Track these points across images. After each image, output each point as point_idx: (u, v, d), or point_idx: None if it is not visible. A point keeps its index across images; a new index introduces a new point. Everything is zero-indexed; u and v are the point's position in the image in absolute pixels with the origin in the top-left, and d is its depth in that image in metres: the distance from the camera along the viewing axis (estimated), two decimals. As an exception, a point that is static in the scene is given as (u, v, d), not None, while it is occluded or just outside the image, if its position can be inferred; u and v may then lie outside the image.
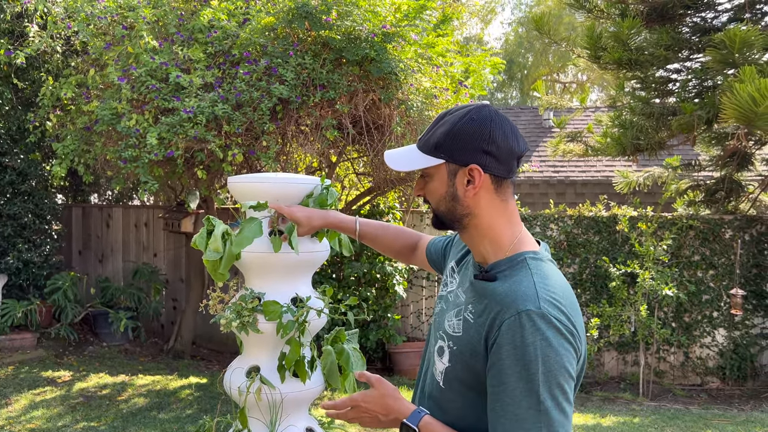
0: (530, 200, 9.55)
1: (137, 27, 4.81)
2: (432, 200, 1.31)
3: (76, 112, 5.44)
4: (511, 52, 20.83)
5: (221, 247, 1.86)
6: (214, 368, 6.48)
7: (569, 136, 7.13)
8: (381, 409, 1.27)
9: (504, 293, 1.19)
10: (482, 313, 1.21)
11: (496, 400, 1.14)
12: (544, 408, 1.10)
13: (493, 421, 1.15)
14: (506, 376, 1.13)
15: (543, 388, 1.11)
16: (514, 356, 1.12)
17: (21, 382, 5.41)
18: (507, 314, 1.15)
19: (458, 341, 1.25)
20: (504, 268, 1.24)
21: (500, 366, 1.14)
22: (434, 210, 1.32)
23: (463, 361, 1.22)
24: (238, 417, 1.96)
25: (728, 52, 4.87)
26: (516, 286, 1.19)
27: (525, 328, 1.12)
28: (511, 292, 1.18)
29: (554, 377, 1.11)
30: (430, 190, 1.30)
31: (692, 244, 6.41)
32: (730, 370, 6.31)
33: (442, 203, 1.29)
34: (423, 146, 1.29)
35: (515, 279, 1.21)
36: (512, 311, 1.15)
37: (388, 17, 4.79)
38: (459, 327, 1.26)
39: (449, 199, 1.27)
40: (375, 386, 1.28)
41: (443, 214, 1.30)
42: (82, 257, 7.95)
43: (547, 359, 1.11)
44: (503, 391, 1.13)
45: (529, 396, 1.11)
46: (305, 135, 5.11)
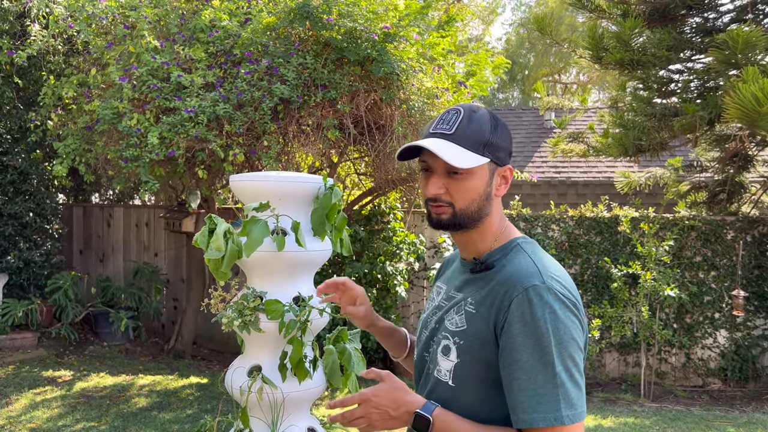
0: (531, 201, 9.54)
1: (139, 26, 4.80)
2: (462, 199, 1.25)
3: (77, 111, 5.44)
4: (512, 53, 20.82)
5: (223, 245, 1.85)
6: (215, 368, 6.47)
7: (570, 136, 7.12)
8: (391, 403, 1.21)
9: (507, 275, 1.21)
10: (485, 300, 1.23)
11: (512, 378, 1.15)
12: (560, 380, 1.12)
13: (510, 400, 1.16)
14: (519, 353, 1.14)
15: (557, 361, 1.12)
16: (525, 332, 1.14)
17: (21, 382, 5.40)
18: (514, 292, 1.17)
19: (464, 335, 1.24)
20: (499, 256, 1.27)
21: (513, 344, 1.15)
22: (458, 210, 1.25)
23: (473, 353, 1.22)
24: (240, 416, 1.95)
25: (731, 53, 4.86)
26: (517, 266, 1.22)
27: (533, 303, 1.14)
28: (515, 272, 1.21)
29: (566, 349, 1.13)
30: (465, 188, 1.25)
31: (694, 245, 6.40)
32: (731, 371, 6.30)
33: (475, 202, 1.26)
34: (468, 143, 1.23)
35: (515, 261, 1.24)
36: (519, 289, 1.17)
37: (389, 16, 4.78)
38: (462, 321, 1.26)
39: (484, 198, 1.26)
40: (385, 380, 1.23)
41: (471, 213, 1.26)
42: (83, 257, 7.94)
43: (558, 331, 1.13)
44: (518, 368, 1.14)
45: (544, 370, 1.12)
46: (306, 135, 5.11)
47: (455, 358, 1.24)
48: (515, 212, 6.72)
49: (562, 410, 1.11)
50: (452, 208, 1.25)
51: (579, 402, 1.14)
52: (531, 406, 1.12)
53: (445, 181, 1.25)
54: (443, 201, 1.25)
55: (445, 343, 1.27)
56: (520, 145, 11.22)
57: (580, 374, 1.16)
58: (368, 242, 6.39)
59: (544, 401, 1.12)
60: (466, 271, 1.34)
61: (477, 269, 1.28)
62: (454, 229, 1.29)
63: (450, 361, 1.25)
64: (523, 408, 1.13)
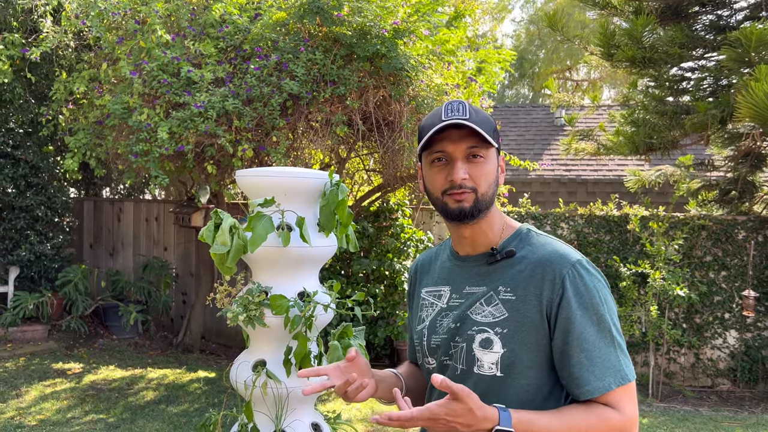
0: (541, 199, 9.50)
1: (149, 21, 4.82)
2: (483, 183, 1.26)
3: (88, 106, 5.47)
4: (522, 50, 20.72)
5: (229, 240, 1.86)
6: (223, 362, 6.50)
7: (581, 134, 7.08)
8: (465, 423, 1.11)
9: (546, 256, 1.26)
10: (526, 284, 1.25)
11: (579, 351, 1.21)
12: (617, 343, 1.22)
13: (578, 372, 1.21)
14: (583, 326, 1.21)
15: (612, 327, 1.22)
16: (583, 305, 1.21)
17: (32, 374, 5.46)
18: (564, 269, 1.23)
19: (507, 323, 1.25)
20: (515, 243, 1.31)
21: (574, 318, 1.21)
22: (480, 195, 1.26)
23: (521, 340, 1.23)
24: (244, 411, 1.96)
25: (744, 51, 4.81)
26: (550, 248, 1.28)
27: (584, 277, 1.23)
28: (553, 252, 1.26)
29: (614, 314, 1.25)
30: (485, 171, 1.27)
31: (704, 244, 6.35)
32: (741, 372, 6.25)
33: (491, 188, 1.28)
34: (484, 127, 1.25)
35: (540, 244, 1.29)
36: (567, 266, 1.23)
37: (399, 13, 4.77)
38: (500, 310, 1.26)
39: (495, 184, 1.30)
40: (463, 400, 1.09)
41: (488, 199, 1.28)
42: (93, 250, 8.00)
43: (607, 299, 1.24)
44: (585, 339, 1.21)
45: (605, 337, 1.21)
46: (315, 131, 5.11)
47: (500, 348, 1.24)
48: (524, 210, 6.69)
49: (625, 369, 1.21)
50: (475, 194, 1.26)
51: (629, 359, 1.25)
52: (602, 372, 1.20)
53: (467, 167, 1.26)
54: (467, 187, 1.25)
55: (483, 337, 1.26)
56: (530, 142, 11.17)
57: (622, 334, 1.27)
58: (376, 239, 6.39)
59: (611, 365, 1.20)
60: (477, 264, 1.33)
61: (497, 259, 1.30)
62: (475, 217, 1.28)
63: (494, 353, 1.25)
64: (596, 376, 1.20)
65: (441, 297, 1.38)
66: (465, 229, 1.32)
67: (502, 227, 1.34)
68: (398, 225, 6.41)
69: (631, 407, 1.21)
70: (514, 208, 6.78)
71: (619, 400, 1.20)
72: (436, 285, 1.41)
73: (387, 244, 6.31)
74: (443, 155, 1.27)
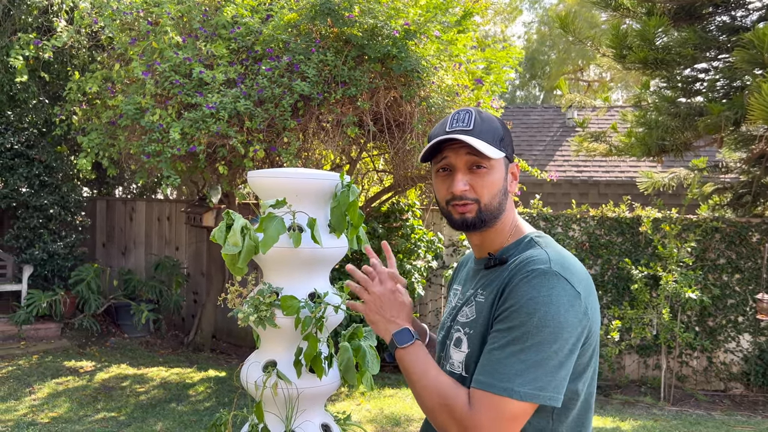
0: (552, 200, 9.46)
1: (162, 22, 4.85)
2: (487, 194, 1.26)
3: (101, 106, 5.52)
4: (533, 51, 20.65)
5: (240, 241, 1.86)
6: (233, 362, 6.53)
7: (593, 135, 7.04)
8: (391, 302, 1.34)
9: (517, 263, 1.23)
10: (493, 288, 1.25)
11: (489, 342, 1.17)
12: (527, 357, 1.11)
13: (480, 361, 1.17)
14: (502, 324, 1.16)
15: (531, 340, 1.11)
16: (512, 307, 1.15)
17: (45, 371, 5.51)
18: (519, 275, 1.18)
19: (473, 324, 1.26)
20: (513, 251, 1.30)
21: (500, 317, 1.17)
22: (483, 206, 1.26)
23: (482, 341, 1.23)
24: (255, 411, 1.97)
25: (757, 52, 4.76)
26: (527, 255, 1.24)
27: (532, 284, 1.15)
28: (524, 259, 1.22)
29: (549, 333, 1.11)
30: (488, 182, 1.26)
31: (718, 247, 6.29)
32: (754, 376, 6.19)
33: (496, 197, 1.27)
34: (487, 137, 1.25)
35: (527, 253, 1.25)
36: (524, 272, 1.18)
37: (410, 14, 4.77)
38: (472, 312, 1.28)
39: (502, 193, 1.29)
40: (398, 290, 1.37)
41: (493, 210, 1.27)
42: (106, 249, 8.07)
43: (546, 315, 1.12)
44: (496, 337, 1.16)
45: (516, 343, 1.13)
46: (326, 132, 5.12)
47: (466, 348, 1.26)
48: (535, 211, 6.66)
49: (515, 385, 1.10)
50: (477, 205, 1.26)
51: (544, 383, 1.11)
52: (489, 371, 1.13)
53: (469, 178, 1.26)
54: (469, 198, 1.26)
55: (457, 336, 1.29)
56: (542, 143, 11.12)
57: (561, 360, 1.12)
58: (387, 239, 6.39)
59: (504, 371, 1.11)
60: (481, 268, 1.35)
61: (491, 264, 1.30)
62: (478, 228, 1.29)
63: (461, 352, 1.27)
64: (484, 371, 1.15)
65: (455, 296, 1.44)
66: (473, 236, 1.35)
67: (510, 233, 1.33)
68: (408, 226, 6.41)
69: (483, 415, 1.11)
70: (525, 210, 6.76)
71: (478, 401, 1.12)
72: (458, 284, 1.47)
73: (397, 244, 6.31)
74: (446, 165, 1.29)
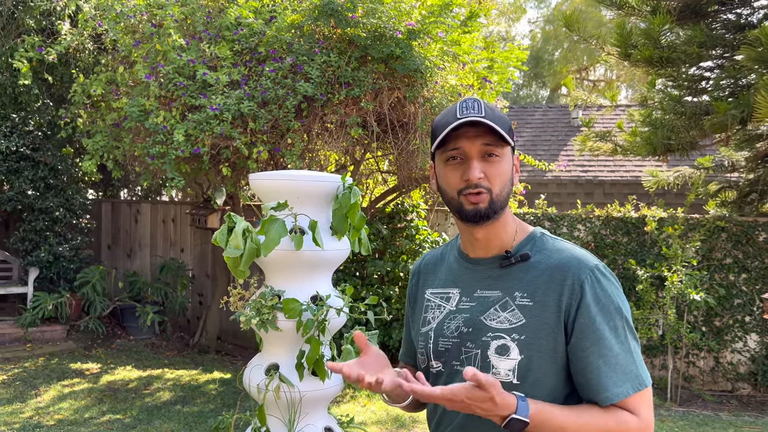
0: (557, 200, 9.43)
1: (165, 25, 4.86)
2: (498, 183, 1.24)
3: (105, 108, 5.53)
4: (538, 50, 20.60)
5: (242, 244, 1.86)
6: (239, 363, 6.53)
7: (598, 135, 7.01)
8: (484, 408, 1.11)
9: (563, 260, 1.25)
10: (546, 290, 1.23)
11: (597, 356, 1.20)
12: (633, 348, 1.22)
13: (597, 378, 1.19)
14: (602, 331, 1.20)
15: (629, 332, 1.22)
16: (602, 310, 1.21)
17: (50, 374, 5.52)
18: (582, 274, 1.22)
19: (524, 329, 1.22)
20: (529, 246, 1.29)
21: (593, 323, 1.20)
22: (495, 195, 1.23)
23: (538, 346, 1.21)
24: (257, 414, 1.96)
25: (763, 50, 4.72)
26: (567, 252, 1.26)
27: (602, 282, 1.22)
28: (570, 257, 1.25)
29: (629, 316, 1.24)
30: (500, 171, 1.24)
31: (724, 246, 6.25)
32: (762, 376, 6.14)
33: (506, 187, 1.26)
34: (500, 125, 1.22)
35: (556, 249, 1.28)
36: (585, 271, 1.22)
37: (414, 14, 4.76)
38: (517, 316, 1.24)
39: (510, 183, 1.27)
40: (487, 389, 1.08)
41: (503, 199, 1.25)
42: (111, 252, 8.09)
43: (624, 304, 1.24)
44: (603, 345, 1.20)
45: (622, 342, 1.21)
46: (330, 133, 5.11)
47: (518, 355, 1.22)
48: (540, 211, 6.64)
49: (642, 375, 1.21)
50: (490, 195, 1.23)
51: (644, 364, 1.24)
52: (621, 379, 1.19)
53: (482, 166, 1.23)
54: (483, 186, 1.22)
55: (500, 343, 1.23)
56: (547, 143, 11.09)
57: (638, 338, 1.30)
58: (391, 240, 6.38)
59: (629, 371, 1.19)
60: (489, 267, 1.30)
61: (511, 262, 1.27)
62: (490, 218, 1.25)
63: (511, 360, 1.22)
64: (614, 382, 1.19)
65: (449, 299, 1.35)
66: (479, 231, 1.28)
67: (515, 230, 1.31)
68: (413, 226, 6.40)
69: (647, 412, 1.21)
70: (530, 210, 6.73)
71: (637, 405, 1.20)
72: (444, 287, 1.37)
73: (401, 245, 6.30)
74: (458, 153, 1.24)
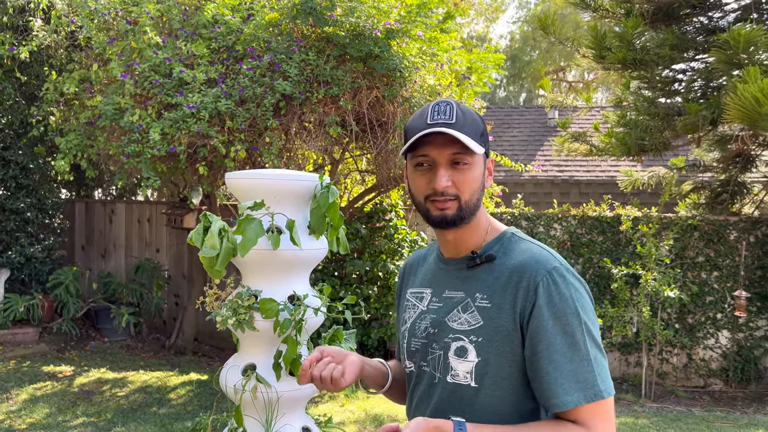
0: (534, 199, 9.52)
1: (141, 22, 4.80)
2: (467, 190, 1.23)
3: (79, 106, 5.44)
4: (516, 50, 20.77)
5: (218, 243, 1.84)
6: (216, 364, 6.47)
7: (574, 135, 7.10)
8: None
9: (522, 262, 1.21)
10: (502, 291, 1.21)
11: (548, 362, 1.15)
12: (592, 356, 1.15)
13: (547, 384, 1.16)
14: (554, 336, 1.15)
15: (587, 338, 1.16)
16: (555, 314, 1.16)
17: (22, 377, 5.42)
18: (538, 276, 1.18)
19: (482, 331, 1.21)
20: (497, 247, 1.27)
21: (545, 327, 1.16)
22: (464, 203, 1.23)
23: (495, 348, 1.19)
24: (234, 415, 1.95)
25: (733, 52, 4.83)
26: (528, 254, 1.23)
27: (558, 284, 1.17)
28: (529, 258, 1.21)
29: (592, 325, 1.18)
30: (469, 179, 1.23)
31: (697, 245, 6.37)
32: (733, 372, 6.27)
33: (475, 194, 1.24)
34: (470, 131, 1.21)
35: (521, 250, 1.24)
36: (542, 273, 1.18)
37: (393, 14, 4.76)
38: (476, 318, 1.22)
39: (480, 189, 1.26)
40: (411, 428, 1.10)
41: (472, 206, 1.24)
42: (85, 252, 7.96)
43: (584, 309, 1.17)
44: (554, 350, 1.15)
45: (578, 349, 1.15)
46: (309, 132, 5.09)
47: (475, 358, 1.21)
48: (517, 211, 6.70)
49: (599, 385, 1.14)
50: (458, 202, 1.23)
51: (608, 375, 1.18)
52: (572, 387, 1.14)
53: (450, 173, 1.22)
54: (450, 194, 1.22)
55: (459, 345, 1.23)
56: (523, 143, 11.19)
57: (602, 348, 1.20)
58: (370, 240, 6.38)
59: (583, 379, 1.14)
60: (458, 268, 1.30)
61: (477, 263, 1.26)
62: (457, 225, 1.24)
63: (469, 362, 1.21)
64: (565, 389, 1.14)
65: (422, 299, 1.35)
66: (448, 233, 1.29)
67: (486, 230, 1.30)
68: (392, 226, 6.41)
69: (601, 426, 1.14)
70: (507, 209, 6.78)
71: (590, 417, 1.14)
72: (420, 287, 1.38)
73: (380, 245, 6.30)
74: (426, 160, 1.24)
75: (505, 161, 6.20)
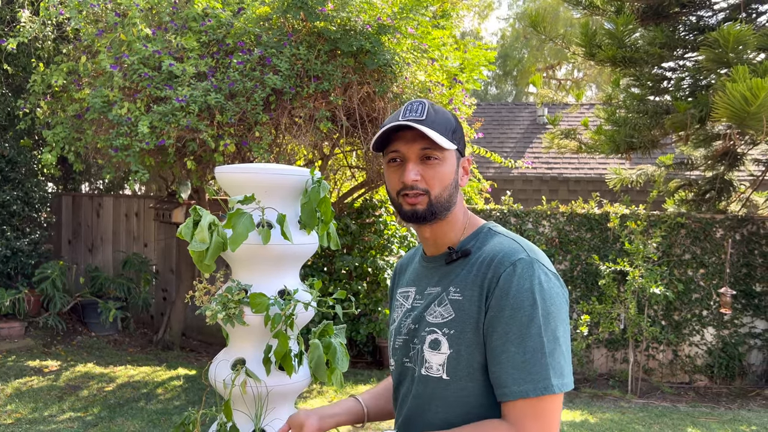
0: (523, 196, 9.56)
1: (130, 14, 4.75)
2: (437, 186, 1.25)
3: (67, 99, 5.38)
4: (507, 47, 20.79)
5: (207, 237, 1.84)
6: (204, 359, 6.45)
7: (563, 132, 7.13)
8: None
9: (491, 255, 1.23)
10: (471, 284, 1.22)
11: (501, 351, 1.16)
12: (548, 350, 1.14)
13: (499, 373, 1.16)
14: (509, 325, 1.15)
15: (545, 330, 1.14)
16: (513, 304, 1.15)
17: (8, 372, 5.37)
18: (502, 268, 1.19)
19: (453, 323, 1.23)
20: (473, 242, 1.29)
21: (501, 317, 1.16)
22: (434, 197, 1.25)
23: (466, 340, 1.20)
24: (223, 410, 1.94)
25: (722, 51, 4.87)
26: (499, 247, 1.24)
27: (522, 276, 1.17)
28: (498, 251, 1.22)
29: (553, 319, 1.16)
30: (439, 174, 1.25)
31: (683, 242, 6.43)
32: (718, 368, 6.35)
33: (446, 190, 1.26)
34: (440, 128, 1.24)
35: (493, 244, 1.26)
36: (506, 264, 1.19)
37: (384, 9, 4.75)
38: (449, 311, 1.24)
39: (453, 186, 1.27)
40: None
41: (443, 202, 1.26)
42: (72, 246, 7.89)
43: (545, 302, 1.15)
44: (508, 340, 1.15)
45: (533, 340, 1.14)
46: (299, 126, 5.08)
47: (447, 350, 1.22)
48: (506, 208, 6.72)
49: (551, 379, 1.13)
50: (428, 197, 1.25)
51: (567, 371, 1.16)
52: (521, 377, 1.13)
53: (420, 168, 1.25)
54: (419, 189, 1.25)
55: (433, 338, 1.25)
56: (513, 140, 11.22)
57: (567, 345, 1.18)
58: (359, 235, 6.38)
59: (534, 371, 1.13)
60: (438, 265, 1.32)
61: (453, 258, 1.28)
62: (428, 220, 1.27)
63: (441, 354, 1.23)
64: (514, 379, 1.14)
65: (408, 298, 1.38)
66: (425, 230, 1.32)
67: (464, 226, 1.32)
68: (381, 222, 6.41)
69: (539, 425, 1.13)
70: (496, 206, 6.81)
71: (530, 411, 1.13)
72: (407, 286, 1.41)
73: (370, 240, 6.30)
74: (397, 156, 1.27)
75: (494, 158, 6.22)
